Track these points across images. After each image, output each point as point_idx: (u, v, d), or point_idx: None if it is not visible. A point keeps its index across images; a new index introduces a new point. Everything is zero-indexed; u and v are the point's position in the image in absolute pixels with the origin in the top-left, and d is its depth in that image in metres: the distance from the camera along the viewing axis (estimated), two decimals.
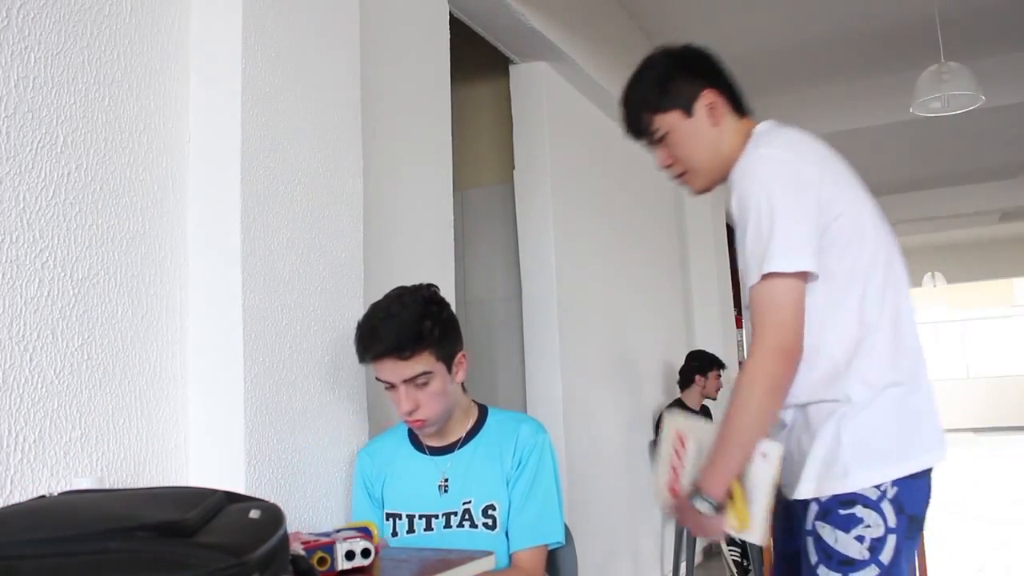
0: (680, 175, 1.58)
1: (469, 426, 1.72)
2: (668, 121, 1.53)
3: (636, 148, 1.68)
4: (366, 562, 1.20)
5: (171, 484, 1.55)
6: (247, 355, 1.59)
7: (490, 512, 1.64)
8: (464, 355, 1.68)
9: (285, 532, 0.90)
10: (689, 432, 1.55)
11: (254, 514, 0.88)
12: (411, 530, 1.66)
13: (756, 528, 1.42)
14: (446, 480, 1.67)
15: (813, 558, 1.38)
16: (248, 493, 1.46)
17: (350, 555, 1.19)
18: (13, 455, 1.29)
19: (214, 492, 0.92)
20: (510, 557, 1.63)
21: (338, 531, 1.32)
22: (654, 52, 1.61)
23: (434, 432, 1.69)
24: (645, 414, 4.43)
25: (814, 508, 1.39)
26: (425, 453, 1.72)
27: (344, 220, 1.88)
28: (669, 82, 1.54)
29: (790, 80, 5.53)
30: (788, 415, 1.46)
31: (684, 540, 4.08)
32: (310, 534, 1.26)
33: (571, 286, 3.63)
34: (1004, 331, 15.47)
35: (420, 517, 1.66)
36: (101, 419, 1.44)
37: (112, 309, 1.48)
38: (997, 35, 4.89)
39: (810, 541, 1.39)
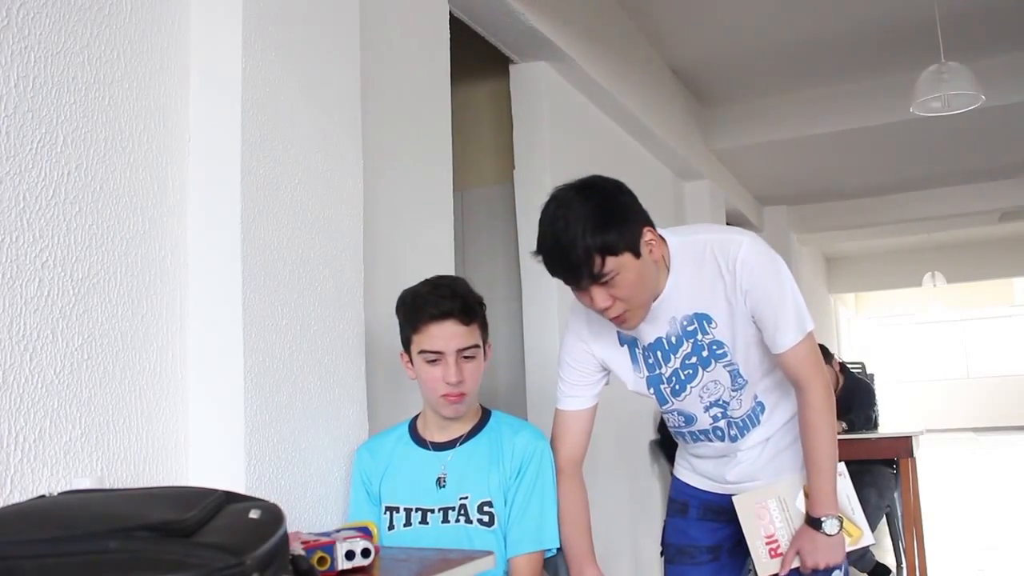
0: (622, 315, 1.55)
1: (472, 424, 1.73)
2: (619, 263, 1.49)
3: (636, 148, 1.68)
4: (366, 562, 1.19)
5: (171, 484, 1.55)
6: (247, 355, 1.58)
7: (486, 509, 1.65)
8: (490, 345, 1.73)
9: (285, 532, 0.90)
10: (765, 497, 1.72)
11: (254, 514, 0.88)
12: (407, 523, 1.66)
13: (867, 531, 1.75)
14: (444, 474, 1.68)
15: None
16: (248, 493, 1.46)
17: (350, 555, 1.19)
18: (13, 455, 1.29)
19: (214, 492, 0.92)
20: (507, 561, 1.64)
21: (338, 531, 1.32)
22: (582, 191, 1.53)
23: (462, 413, 1.69)
24: (645, 414, 4.43)
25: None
26: (427, 448, 1.72)
27: (344, 220, 1.88)
28: (611, 221, 1.49)
29: (790, 80, 5.53)
30: (763, 435, 1.75)
31: None
32: (310, 534, 1.26)
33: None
34: (1004, 331, 15.46)
35: (416, 510, 1.67)
36: (101, 419, 1.44)
37: (112, 309, 1.48)
38: (997, 35, 4.88)
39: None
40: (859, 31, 4.81)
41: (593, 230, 1.46)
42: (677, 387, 1.70)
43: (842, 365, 4.76)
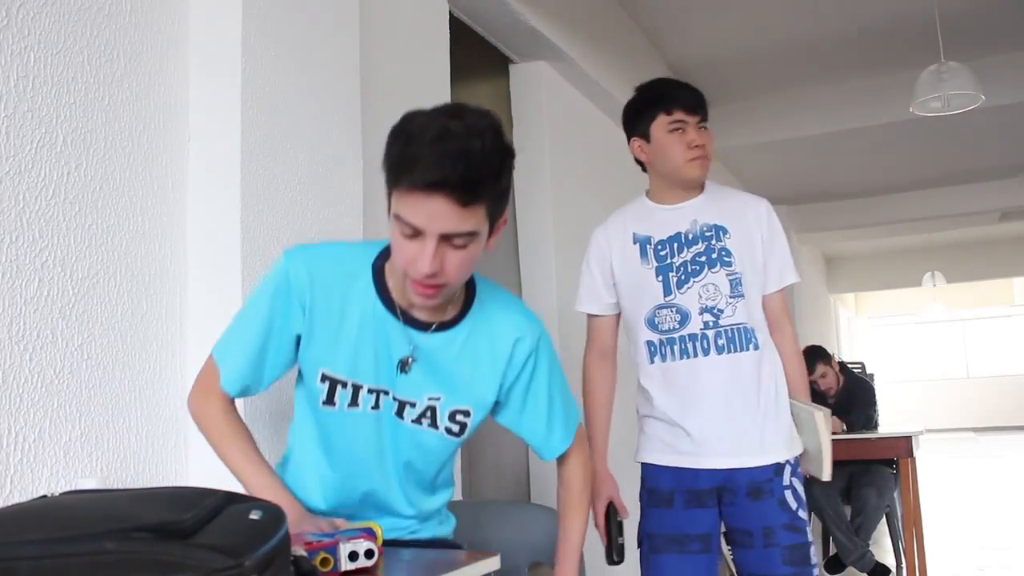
0: (703, 157, 1.93)
1: (459, 305, 1.39)
2: (708, 125, 1.96)
3: None
4: (369, 563, 1.19)
5: (171, 484, 1.55)
6: None
7: (459, 418, 1.39)
8: (506, 219, 1.31)
9: (286, 533, 0.90)
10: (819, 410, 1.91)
11: (254, 515, 0.88)
12: (354, 403, 1.35)
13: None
14: (411, 359, 1.35)
15: (793, 504, 1.84)
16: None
17: (353, 556, 1.18)
18: (13, 455, 1.29)
19: (215, 492, 0.91)
20: (561, 457, 1.53)
21: (341, 531, 1.32)
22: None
23: (433, 306, 1.33)
24: None
25: (788, 468, 1.85)
26: (396, 317, 1.35)
27: (344, 220, 1.88)
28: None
29: (790, 80, 5.53)
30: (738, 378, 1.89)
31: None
32: (313, 535, 1.26)
33: (571, 286, 3.63)
34: (1004, 331, 15.47)
35: (370, 391, 1.35)
36: (101, 419, 1.44)
37: (112, 309, 1.48)
38: (997, 35, 4.88)
39: (789, 493, 1.84)
40: (859, 31, 4.80)
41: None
42: (683, 278, 1.89)
43: (842, 365, 4.76)
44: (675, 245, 1.91)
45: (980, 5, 4.48)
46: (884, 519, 4.56)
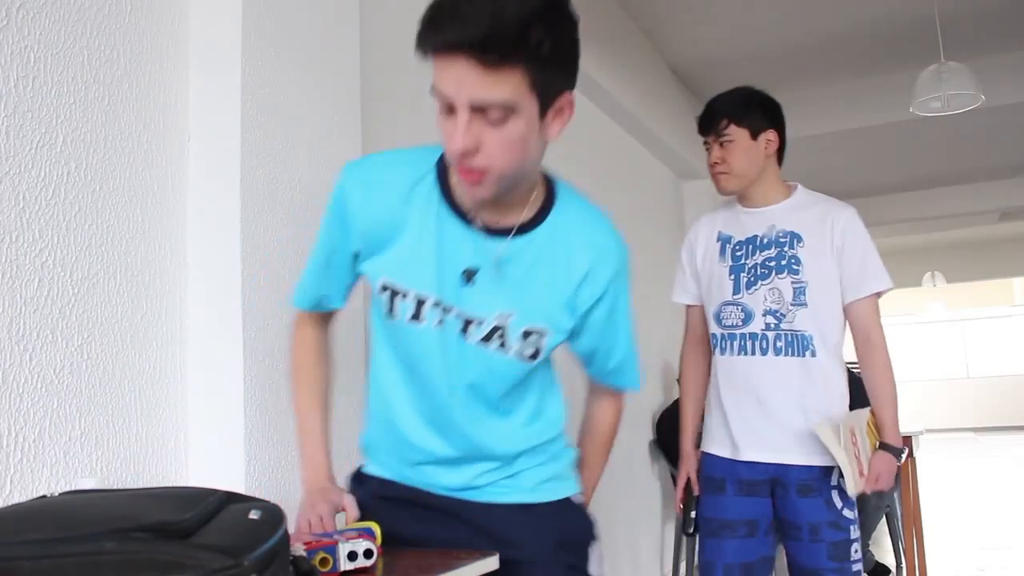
0: (721, 173, 2.04)
1: (534, 209, 1.23)
2: (737, 133, 2.01)
3: (636, 148, 1.69)
4: (368, 563, 1.19)
5: (171, 484, 1.55)
6: (247, 355, 1.58)
7: (532, 338, 1.23)
8: (572, 100, 1.15)
9: (286, 532, 0.90)
10: (850, 428, 1.97)
11: (254, 514, 0.88)
12: (416, 317, 1.22)
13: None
14: (476, 269, 1.20)
15: (839, 504, 1.99)
16: (248, 493, 1.46)
17: (352, 556, 1.18)
18: (13, 455, 1.29)
19: (214, 492, 0.92)
20: (602, 394, 1.46)
21: (340, 531, 1.32)
22: (746, 87, 2.09)
23: (483, 200, 1.16)
24: (644, 414, 4.43)
25: (837, 470, 1.96)
26: (461, 220, 1.21)
27: None
28: (752, 107, 2.04)
29: (790, 80, 5.52)
30: (801, 386, 2.03)
31: (683, 540, 4.08)
32: (312, 534, 1.26)
33: None
34: (1004, 331, 15.46)
35: (435, 305, 1.21)
36: (101, 419, 1.44)
37: (112, 309, 1.48)
38: (997, 35, 4.88)
39: (835, 493, 1.99)
40: (859, 31, 4.81)
41: (733, 103, 2.03)
42: (752, 279, 2.02)
43: None
44: (750, 247, 2.04)
45: (980, 5, 4.48)
46: (884, 519, 4.56)
